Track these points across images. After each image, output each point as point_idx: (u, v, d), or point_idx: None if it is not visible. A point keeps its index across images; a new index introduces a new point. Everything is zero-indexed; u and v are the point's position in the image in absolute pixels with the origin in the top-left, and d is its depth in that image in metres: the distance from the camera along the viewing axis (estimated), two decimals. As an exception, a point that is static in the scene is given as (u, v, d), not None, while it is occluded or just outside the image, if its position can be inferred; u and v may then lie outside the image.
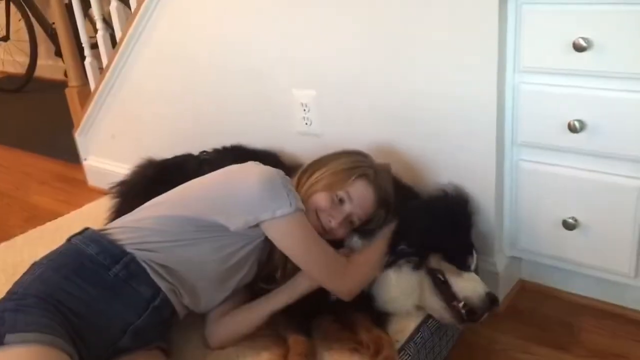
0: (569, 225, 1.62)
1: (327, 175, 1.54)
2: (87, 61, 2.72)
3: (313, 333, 1.50)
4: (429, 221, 1.54)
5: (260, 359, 1.45)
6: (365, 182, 1.54)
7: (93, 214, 2.24)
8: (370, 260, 1.52)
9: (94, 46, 2.71)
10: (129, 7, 2.41)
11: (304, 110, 1.99)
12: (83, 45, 2.71)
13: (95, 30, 2.63)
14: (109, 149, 2.78)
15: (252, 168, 1.51)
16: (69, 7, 2.78)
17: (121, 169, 2.34)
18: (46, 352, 1.19)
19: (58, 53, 4.44)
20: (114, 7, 2.46)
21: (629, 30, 1.38)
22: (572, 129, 1.51)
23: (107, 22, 2.69)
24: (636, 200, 1.52)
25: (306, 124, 2.01)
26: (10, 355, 1.19)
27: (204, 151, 2.07)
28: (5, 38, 4.87)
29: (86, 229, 1.48)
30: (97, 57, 2.71)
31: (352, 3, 1.74)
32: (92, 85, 2.74)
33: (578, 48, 1.43)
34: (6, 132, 3.86)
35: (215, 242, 1.44)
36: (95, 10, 2.58)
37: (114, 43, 2.55)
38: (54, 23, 3.65)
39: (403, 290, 1.52)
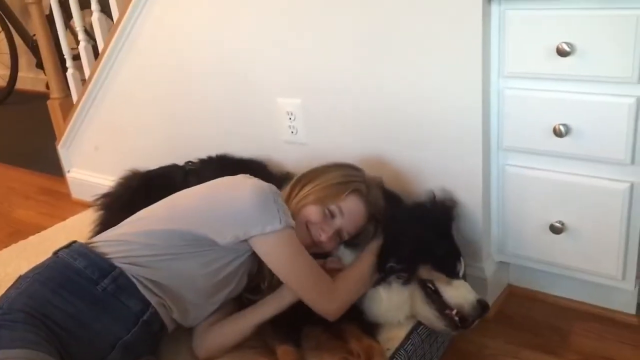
0: (556, 229, 1.63)
1: (320, 188, 1.53)
2: (69, 73, 2.69)
3: (302, 343, 1.48)
4: (416, 234, 1.53)
5: (250, 369, 1.43)
6: (358, 198, 1.54)
7: (77, 227, 2.21)
8: (357, 280, 1.50)
9: (76, 57, 2.68)
10: (111, 18, 2.39)
11: (290, 118, 1.98)
12: (65, 56, 2.69)
13: (77, 42, 2.61)
14: (92, 161, 2.76)
15: (243, 181, 1.49)
16: (49, 19, 2.76)
17: (105, 181, 2.31)
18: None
19: (39, 65, 4.40)
20: (95, 18, 2.44)
21: (612, 34, 1.39)
22: (557, 133, 1.52)
23: (89, 33, 2.68)
24: (622, 203, 1.53)
25: (292, 132, 2.00)
26: (-5, 373, 1.17)
27: (190, 161, 2.05)
28: (-14, 50, 4.82)
29: (73, 242, 1.45)
30: (79, 68, 2.68)
31: (337, 12, 1.74)
32: (74, 97, 2.71)
33: (561, 53, 1.45)
34: (-13, 145, 3.81)
35: (204, 256, 1.43)
36: (76, 22, 2.57)
37: (96, 54, 2.53)
38: (34, 35, 3.63)
39: (394, 305, 1.52)
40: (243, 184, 1.47)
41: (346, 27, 1.74)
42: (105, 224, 1.78)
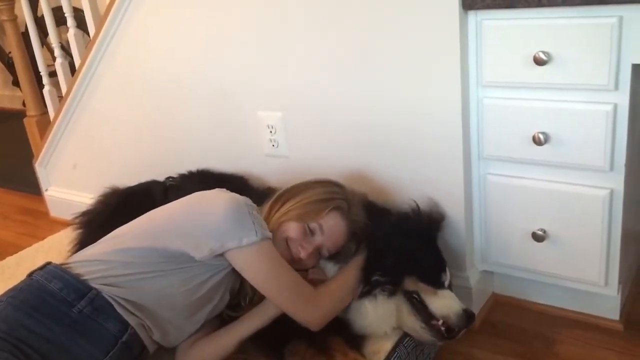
0: (538, 237, 1.64)
1: (300, 205, 1.52)
2: (46, 90, 2.66)
3: (287, 358, 1.47)
4: (400, 245, 1.53)
5: (235, 388, 1.41)
6: (338, 215, 1.53)
7: (55, 247, 2.19)
8: (340, 290, 1.50)
9: (53, 74, 2.65)
10: (88, 34, 2.37)
11: (271, 132, 1.97)
12: (41, 73, 2.66)
13: (54, 58, 2.58)
14: (71, 178, 2.72)
15: (218, 195, 1.48)
16: (25, 36, 2.73)
17: (84, 198, 2.28)
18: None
19: (16, 82, 4.34)
20: (72, 34, 2.42)
21: (587, 42, 1.40)
22: (536, 141, 1.53)
23: (66, 50, 2.65)
24: (602, 210, 1.53)
25: (273, 145, 1.99)
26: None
27: (170, 177, 2.03)
28: (-39, 69, 4.76)
29: (48, 263, 1.43)
30: (56, 85, 2.66)
31: (317, 25, 1.74)
32: (51, 114, 2.68)
33: (538, 62, 1.45)
34: (-36, 165, 3.75)
35: (182, 273, 1.41)
36: (52, 38, 2.54)
37: (72, 70, 2.50)
38: (10, 52, 3.59)
39: (380, 316, 1.51)
40: (218, 198, 1.46)
41: (326, 40, 1.74)
42: (84, 243, 1.75)
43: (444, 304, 1.49)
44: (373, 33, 1.64)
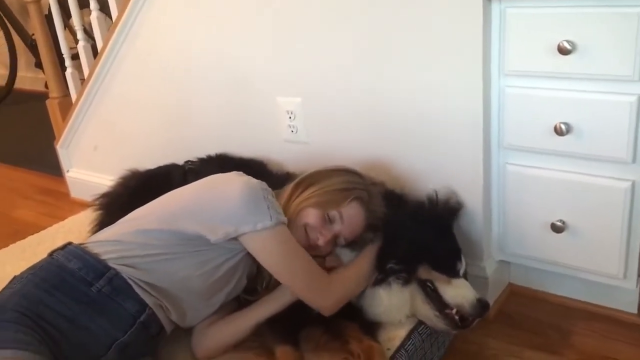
0: (557, 228, 1.62)
1: (322, 192, 1.52)
2: (68, 72, 2.69)
3: (302, 344, 1.48)
4: (415, 234, 1.52)
5: (249, 370, 1.43)
6: (359, 205, 1.53)
7: (76, 227, 2.21)
8: (354, 277, 1.50)
9: (75, 57, 2.68)
10: (110, 17, 2.38)
11: (290, 117, 1.97)
12: (64, 56, 2.68)
13: (76, 41, 2.60)
14: (91, 160, 2.75)
15: (234, 179, 1.49)
16: (48, 18, 2.75)
17: (104, 180, 2.31)
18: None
19: (38, 65, 4.39)
20: (94, 17, 2.44)
21: (613, 32, 1.38)
22: (558, 131, 1.51)
23: (88, 33, 2.67)
24: (623, 202, 1.52)
25: (292, 131, 1.99)
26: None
27: (189, 161, 2.05)
28: (-15, 50, 4.82)
29: (68, 243, 1.45)
30: (78, 68, 2.68)
31: (337, 11, 1.73)
32: (73, 97, 2.71)
33: (563, 51, 1.44)
34: (-13, 145, 3.81)
35: (198, 256, 1.42)
36: (75, 21, 2.56)
37: (95, 53, 2.52)
38: (33, 34, 3.62)
39: (394, 304, 1.51)
40: (233, 181, 1.47)
41: (346, 26, 1.73)
42: (104, 224, 1.77)
43: (458, 293, 1.49)
44: (394, 19, 1.63)
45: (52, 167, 3.03)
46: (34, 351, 1.20)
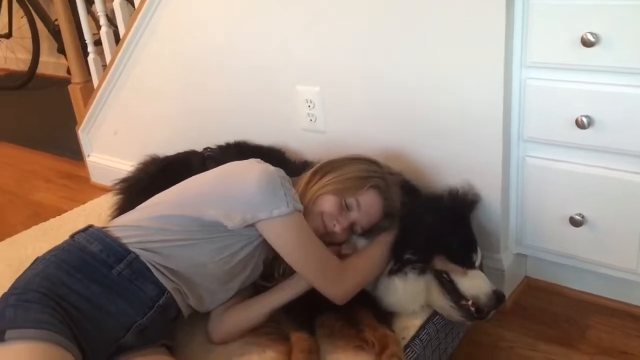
0: (576, 222, 1.61)
1: (340, 179, 1.52)
2: (91, 58, 2.71)
3: (317, 330, 1.49)
4: (432, 225, 1.52)
5: (265, 356, 1.44)
6: (376, 194, 1.53)
7: (96, 211, 2.24)
8: (367, 266, 1.51)
9: (97, 43, 2.70)
10: (132, 4, 2.40)
11: (309, 106, 1.98)
12: (86, 41, 2.70)
13: (98, 27, 2.62)
14: (112, 145, 2.78)
15: (251, 166, 1.50)
16: (71, 4, 2.77)
17: (124, 165, 2.33)
18: (45, 349, 1.19)
19: (60, 50, 4.44)
20: (117, 3, 2.45)
21: (637, 24, 1.37)
22: (579, 125, 1.50)
23: (110, 19, 2.69)
24: (644, 197, 1.51)
25: (311, 120, 2.00)
26: (10, 351, 1.19)
27: (208, 148, 2.05)
28: (8, 35, 4.87)
29: (90, 226, 1.47)
30: (100, 53, 2.70)
31: (358, 1, 1.72)
32: (95, 82, 2.73)
33: (586, 43, 1.42)
34: (9, 129, 3.86)
35: (215, 242, 1.44)
36: (98, 7, 2.58)
37: (117, 40, 2.54)
38: (56, 20, 3.65)
39: (409, 294, 1.52)
40: (251, 169, 1.48)
41: (366, 16, 1.73)
42: (123, 208, 1.80)
43: (473, 284, 1.49)
44: (415, 9, 1.62)
45: (73, 152, 3.07)
46: (55, 331, 1.22)
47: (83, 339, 1.28)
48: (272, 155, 1.97)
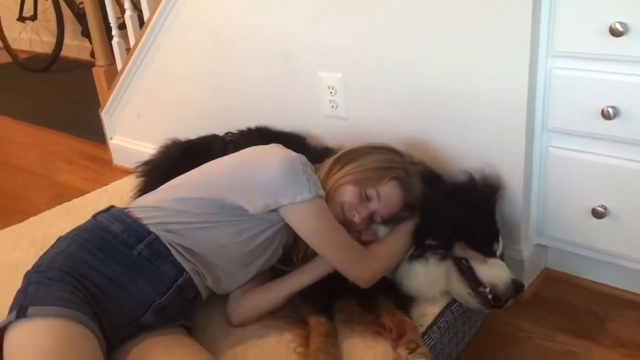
0: (598, 214, 1.60)
1: (361, 170, 1.52)
2: (115, 41, 2.73)
3: (335, 315, 1.50)
4: (454, 212, 1.52)
5: (283, 339, 1.45)
6: (397, 185, 1.53)
7: (118, 193, 2.26)
8: (390, 251, 1.52)
9: (122, 26, 2.72)
10: (157, -12, 2.41)
11: (331, 93, 1.97)
12: (111, 25, 2.72)
13: (123, 11, 2.64)
14: (134, 128, 2.81)
15: (274, 151, 1.50)
16: (97, -13, 2.80)
17: (146, 148, 2.36)
18: (66, 326, 1.21)
19: (84, 33, 4.47)
20: (142, -13, 2.47)
21: (668, 14, 1.34)
22: (605, 115, 1.48)
23: (135, 3, 2.70)
24: (669, 190, 1.49)
25: (332, 106, 1.99)
26: (31, 328, 1.21)
27: (229, 132, 2.06)
28: (33, 18, 4.92)
29: (111, 206, 1.49)
30: (124, 37, 2.72)
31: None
32: (118, 65, 2.75)
33: (614, 33, 1.40)
34: (34, 110, 3.91)
35: (236, 225, 1.45)
36: (123, -9, 2.59)
37: (141, 23, 2.56)
38: (81, 3, 3.68)
39: (430, 280, 1.52)
40: (273, 154, 1.48)
41: (390, 4, 1.71)
42: (145, 191, 1.81)
43: (492, 272, 1.49)
44: (442, -4, 1.61)
45: (96, 134, 3.11)
46: (77, 309, 1.24)
47: (104, 318, 1.30)
48: (293, 141, 1.97)
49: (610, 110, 1.47)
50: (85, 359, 1.21)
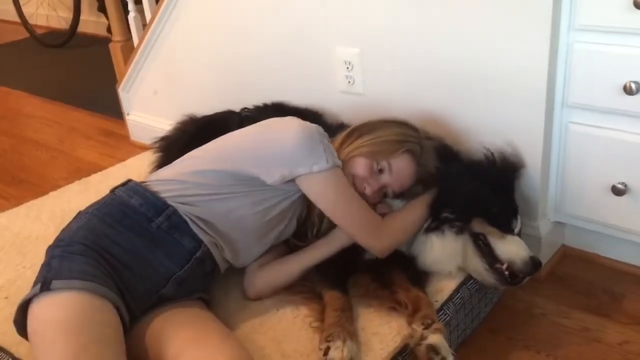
0: (618, 191, 1.58)
1: (374, 142, 1.52)
2: (131, 16, 2.72)
3: (350, 290, 1.51)
4: (473, 187, 1.52)
5: (299, 313, 1.47)
6: (410, 158, 1.53)
7: (136, 168, 2.28)
8: (408, 221, 1.52)
9: (138, 1, 2.71)
10: (173, -38, 2.39)
11: (347, 68, 1.96)
12: (127, 0, 2.71)
13: (139, -15, 2.63)
14: (151, 104, 2.81)
15: (291, 122, 1.51)
16: (113, -38, 2.78)
17: (163, 124, 2.36)
18: (88, 299, 1.23)
19: (101, 8, 4.46)
20: (157, -39, 2.45)
21: (695, -14, 1.31)
22: (627, 90, 1.46)
23: (151, -23, 2.69)
24: (691, 167, 1.46)
25: (349, 82, 1.98)
26: (55, 301, 1.23)
27: (245, 108, 2.07)
28: (50, -7, 4.93)
29: (129, 180, 1.50)
30: (140, 12, 2.71)
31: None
32: (135, 41, 2.75)
33: (638, 5, 1.37)
34: (51, 86, 3.93)
35: (253, 196, 1.45)
36: (139, -35, 2.58)
37: (157, -2, 2.55)
38: (97, -22, 3.68)
39: (446, 254, 1.52)
40: (290, 125, 1.49)
41: (410, -26, 1.69)
42: (162, 166, 1.82)
43: (510, 249, 1.48)
44: (461, -32, 1.58)
45: (113, 110, 3.11)
46: (100, 282, 1.26)
47: (126, 290, 1.32)
48: (308, 116, 1.94)
49: (633, 86, 1.44)
50: (107, 332, 1.23)
